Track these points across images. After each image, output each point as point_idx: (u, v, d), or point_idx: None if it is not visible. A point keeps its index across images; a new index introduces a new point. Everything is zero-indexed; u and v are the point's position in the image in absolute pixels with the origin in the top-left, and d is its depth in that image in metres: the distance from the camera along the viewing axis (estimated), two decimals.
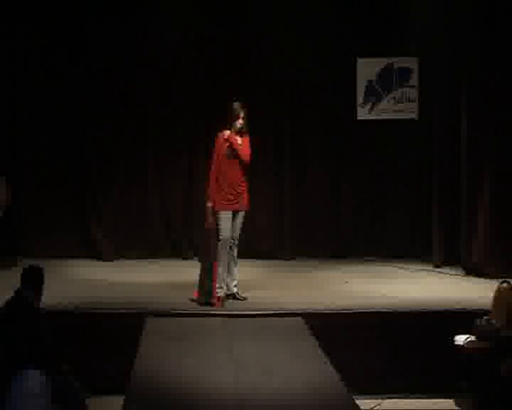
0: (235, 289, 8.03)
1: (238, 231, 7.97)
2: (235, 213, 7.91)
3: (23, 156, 10.28)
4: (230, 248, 7.93)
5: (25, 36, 10.12)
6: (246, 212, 8.01)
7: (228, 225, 7.86)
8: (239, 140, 7.88)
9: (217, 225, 7.87)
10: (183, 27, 10.28)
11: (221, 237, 7.85)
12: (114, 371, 6.92)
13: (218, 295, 7.81)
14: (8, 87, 10.15)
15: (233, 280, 8.01)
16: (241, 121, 7.86)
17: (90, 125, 10.25)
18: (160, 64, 10.32)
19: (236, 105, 7.90)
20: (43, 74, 10.17)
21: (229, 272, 7.99)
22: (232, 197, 7.86)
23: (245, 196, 7.93)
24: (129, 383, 5.53)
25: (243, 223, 8.02)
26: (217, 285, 7.81)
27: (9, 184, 9.57)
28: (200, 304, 7.78)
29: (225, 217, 7.86)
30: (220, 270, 7.85)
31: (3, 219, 9.41)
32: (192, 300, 7.89)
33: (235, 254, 8.02)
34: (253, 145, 7.99)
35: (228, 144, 7.86)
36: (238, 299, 7.98)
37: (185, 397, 5.34)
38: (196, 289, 7.92)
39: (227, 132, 7.88)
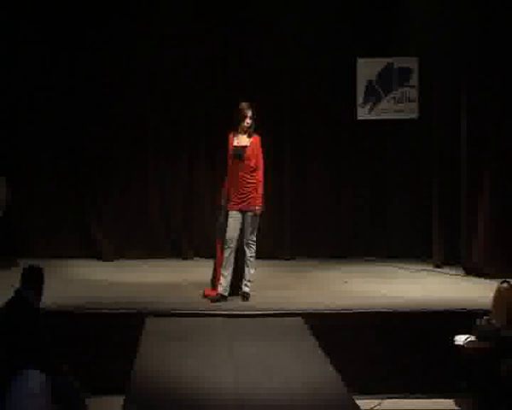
0: (246, 289, 7.94)
1: (250, 232, 7.88)
2: (244, 214, 7.87)
3: (23, 156, 10.27)
4: (237, 248, 7.88)
5: (25, 36, 10.11)
6: (261, 212, 7.90)
7: (234, 224, 7.84)
8: (247, 141, 7.87)
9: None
10: (183, 27, 10.28)
11: (226, 236, 7.85)
12: (114, 371, 6.92)
13: (218, 291, 7.82)
14: (8, 87, 10.14)
15: (244, 280, 7.95)
16: (248, 121, 7.84)
17: (90, 125, 10.26)
18: (159, 64, 10.31)
19: (243, 105, 7.88)
20: (43, 75, 10.16)
21: (241, 272, 7.95)
22: (238, 197, 7.84)
23: (254, 195, 7.83)
24: (129, 383, 5.53)
25: (259, 223, 7.96)
26: (219, 281, 7.82)
27: (9, 184, 9.57)
28: (212, 301, 7.75)
29: (232, 217, 7.85)
30: (223, 269, 7.84)
31: (3, 219, 9.41)
32: (204, 296, 7.92)
33: (249, 255, 7.92)
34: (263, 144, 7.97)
35: (233, 145, 7.86)
36: (245, 298, 7.91)
37: (185, 397, 5.34)
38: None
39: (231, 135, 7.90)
